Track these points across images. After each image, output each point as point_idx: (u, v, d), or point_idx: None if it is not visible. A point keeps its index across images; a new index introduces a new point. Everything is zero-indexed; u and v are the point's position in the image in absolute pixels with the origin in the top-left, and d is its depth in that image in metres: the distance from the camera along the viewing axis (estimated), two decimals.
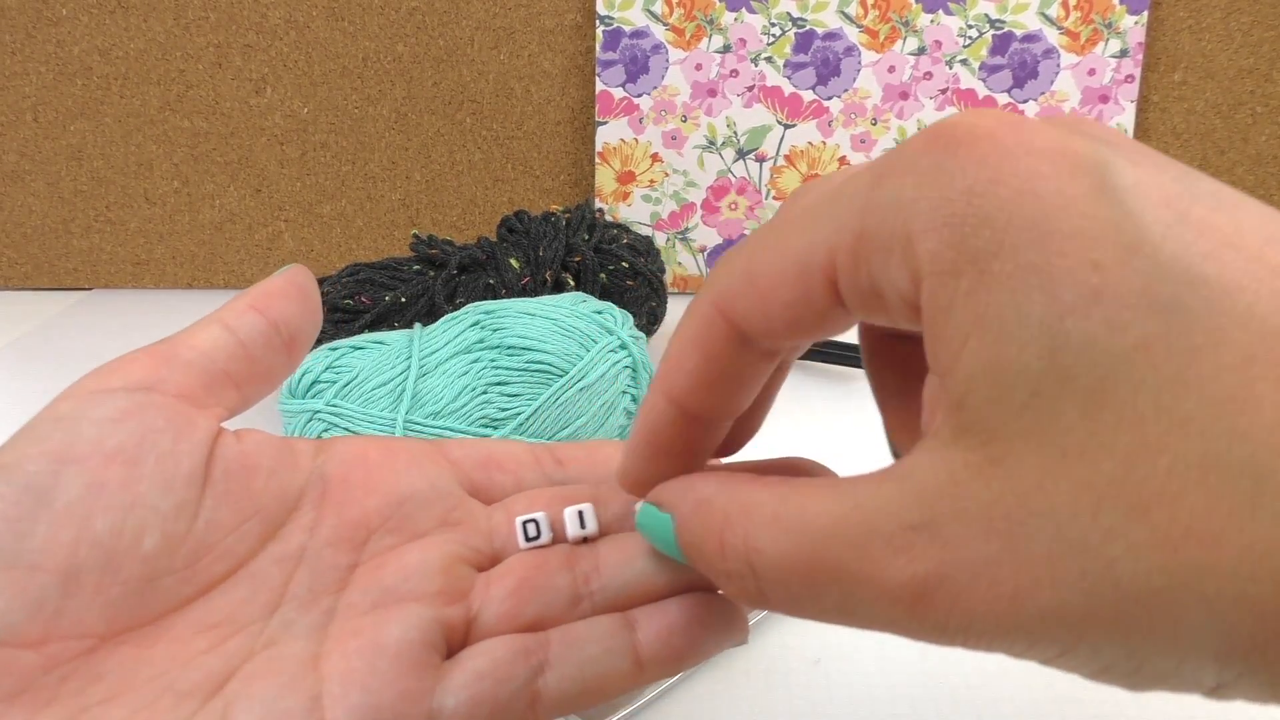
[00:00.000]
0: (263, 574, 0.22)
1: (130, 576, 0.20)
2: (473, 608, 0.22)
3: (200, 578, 0.21)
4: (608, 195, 0.66)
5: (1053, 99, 0.63)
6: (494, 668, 0.21)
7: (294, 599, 0.22)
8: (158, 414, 0.21)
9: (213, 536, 0.21)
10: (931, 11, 0.62)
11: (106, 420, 0.21)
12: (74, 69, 0.65)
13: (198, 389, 0.22)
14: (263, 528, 0.22)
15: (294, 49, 0.65)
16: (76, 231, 0.68)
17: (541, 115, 0.66)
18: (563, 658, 0.21)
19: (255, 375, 0.23)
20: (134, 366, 0.22)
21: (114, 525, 0.20)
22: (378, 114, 0.66)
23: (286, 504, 0.23)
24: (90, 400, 0.21)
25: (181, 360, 0.22)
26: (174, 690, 0.20)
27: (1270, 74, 0.63)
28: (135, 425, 0.21)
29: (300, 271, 0.25)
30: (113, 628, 0.20)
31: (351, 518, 0.23)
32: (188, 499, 0.21)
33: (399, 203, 0.68)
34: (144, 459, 0.21)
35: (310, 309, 0.24)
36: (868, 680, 0.32)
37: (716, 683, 0.32)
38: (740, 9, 0.63)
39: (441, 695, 0.20)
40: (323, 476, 0.23)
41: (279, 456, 0.23)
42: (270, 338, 0.23)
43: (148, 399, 0.21)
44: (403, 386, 0.41)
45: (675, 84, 0.64)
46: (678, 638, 0.21)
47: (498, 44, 0.65)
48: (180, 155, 0.67)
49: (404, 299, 0.50)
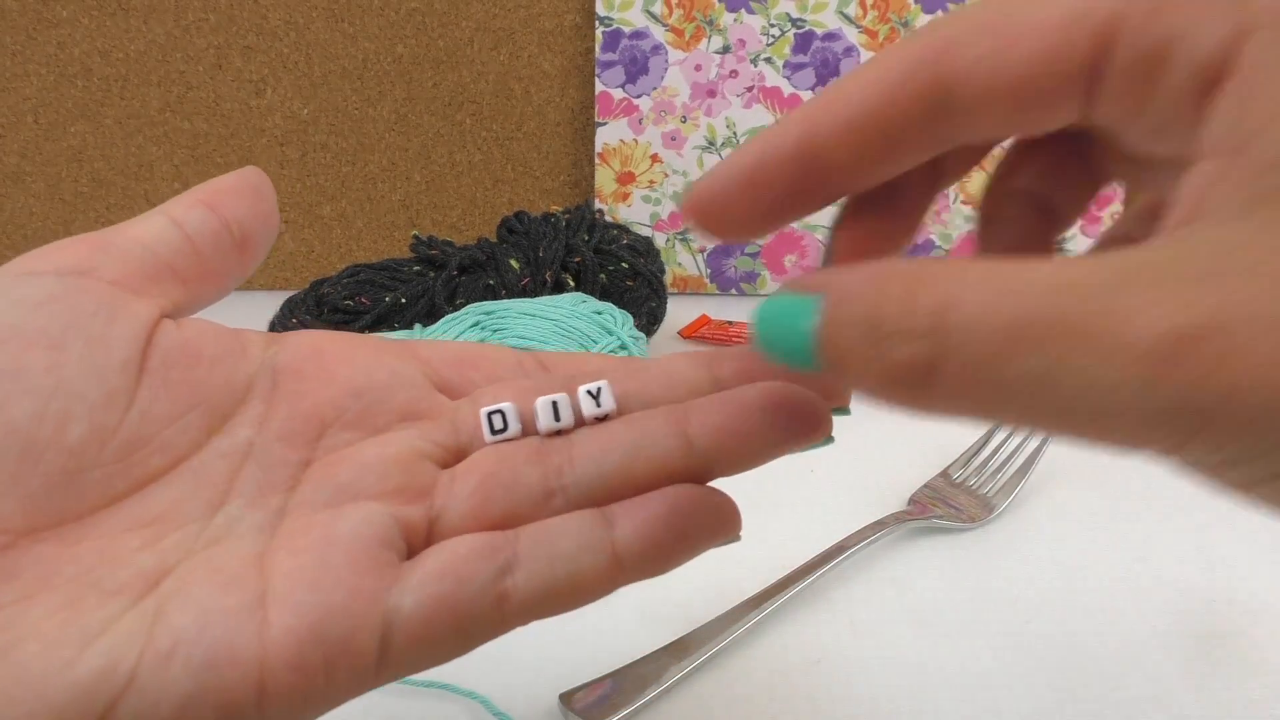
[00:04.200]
0: (206, 469, 0.20)
1: (52, 468, 0.18)
2: (435, 506, 0.20)
3: (134, 472, 0.19)
4: (607, 196, 0.66)
5: None
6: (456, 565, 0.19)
7: (240, 496, 0.20)
8: (89, 298, 0.20)
9: (149, 428, 0.20)
10: (930, 12, 0.62)
11: (30, 302, 0.19)
12: (74, 71, 0.65)
13: (136, 278, 0.20)
14: (206, 420, 0.20)
15: (294, 50, 0.65)
16: (77, 233, 0.68)
17: (541, 116, 0.66)
18: (532, 555, 0.19)
19: (203, 274, 0.22)
20: (64, 252, 0.20)
21: (33, 411, 0.18)
22: (378, 115, 0.66)
23: (233, 395, 0.21)
24: (14, 282, 0.19)
25: (119, 249, 0.21)
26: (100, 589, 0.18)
27: None
28: (62, 308, 0.19)
29: (253, 171, 0.23)
30: (31, 523, 0.18)
31: (304, 410, 0.21)
32: (120, 387, 0.19)
33: (399, 204, 0.68)
34: (70, 343, 0.19)
35: (265, 210, 0.23)
36: (868, 680, 0.32)
37: (716, 683, 0.32)
38: (740, 10, 0.63)
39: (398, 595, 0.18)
40: (274, 367, 0.21)
41: (226, 345, 0.21)
42: (220, 235, 0.22)
43: (79, 283, 0.20)
44: None
45: (675, 85, 0.64)
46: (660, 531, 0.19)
47: (497, 45, 0.65)
48: (181, 157, 0.67)
49: (404, 300, 0.51)
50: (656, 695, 0.31)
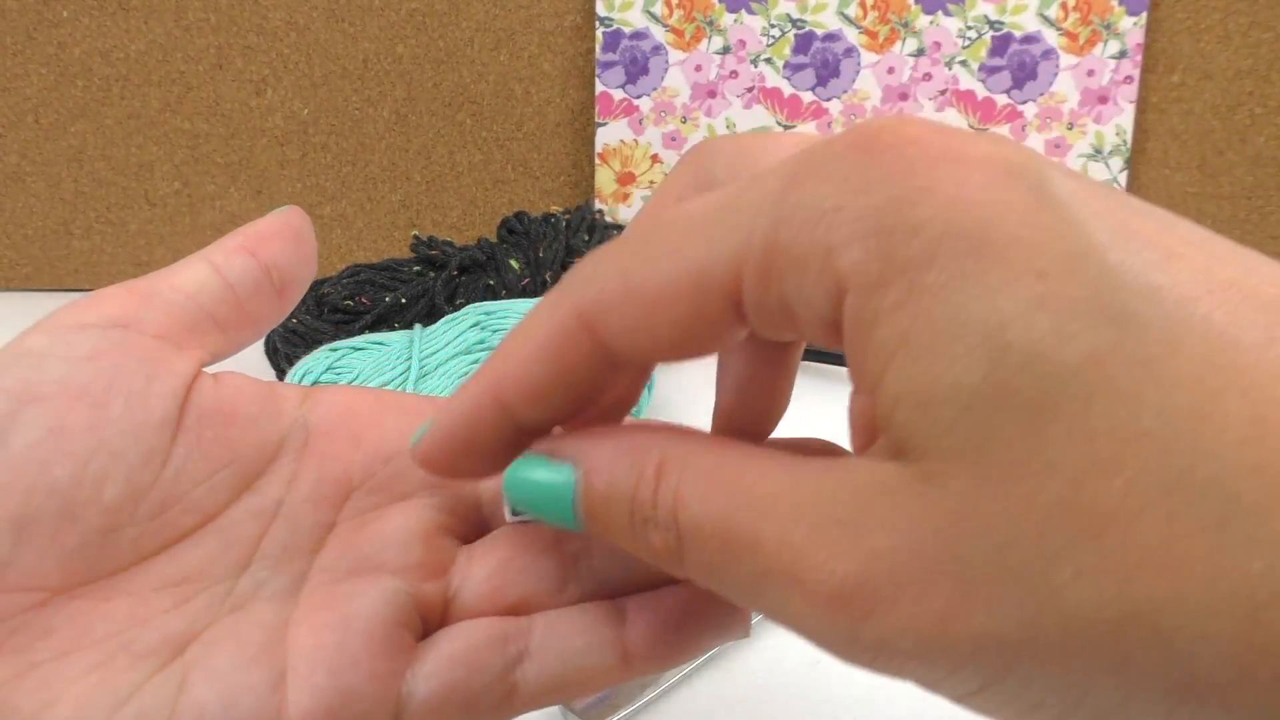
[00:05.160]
0: (234, 528, 0.20)
1: (89, 527, 0.19)
2: (452, 584, 0.20)
3: (166, 530, 0.20)
4: (608, 196, 0.66)
5: (1051, 100, 0.63)
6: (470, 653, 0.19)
7: (266, 557, 0.20)
8: (131, 353, 0.20)
9: (182, 486, 0.20)
10: (931, 13, 0.62)
11: (75, 358, 0.19)
12: (75, 70, 0.65)
13: (179, 329, 0.21)
14: (238, 479, 0.21)
15: (294, 50, 0.65)
16: (77, 233, 0.68)
17: (541, 116, 0.66)
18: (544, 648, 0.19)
19: (242, 320, 0.22)
20: (111, 302, 0.20)
21: (74, 472, 0.18)
22: (378, 115, 0.66)
23: (265, 454, 0.21)
24: (61, 336, 0.19)
25: (163, 299, 0.21)
26: (130, 650, 0.18)
27: (1269, 75, 0.63)
28: (106, 364, 0.19)
29: (295, 213, 0.23)
30: (67, 580, 0.19)
31: (333, 474, 0.21)
32: (157, 446, 0.19)
33: (399, 204, 0.68)
34: (112, 401, 0.19)
35: (305, 253, 0.23)
36: (868, 680, 0.32)
37: (716, 683, 0.32)
38: (740, 10, 0.63)
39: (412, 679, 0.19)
40: (305, 426, 0.22)
41: (260, 403, 0.21)
42: (261, 282, 0.22)
43: (123, 337, 0.20)
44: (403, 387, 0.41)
45: (675, 85, 0.64)
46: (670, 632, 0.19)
47: (498, 45, 0.65)
48: (181, 157, 0.67)
49: (404, 300, 0.51)
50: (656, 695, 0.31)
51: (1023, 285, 0.13)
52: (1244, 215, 0.65)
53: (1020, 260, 0.13)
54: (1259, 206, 0.65)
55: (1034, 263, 0.13)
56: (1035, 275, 0.13)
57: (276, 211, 0.23)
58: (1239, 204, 0.65)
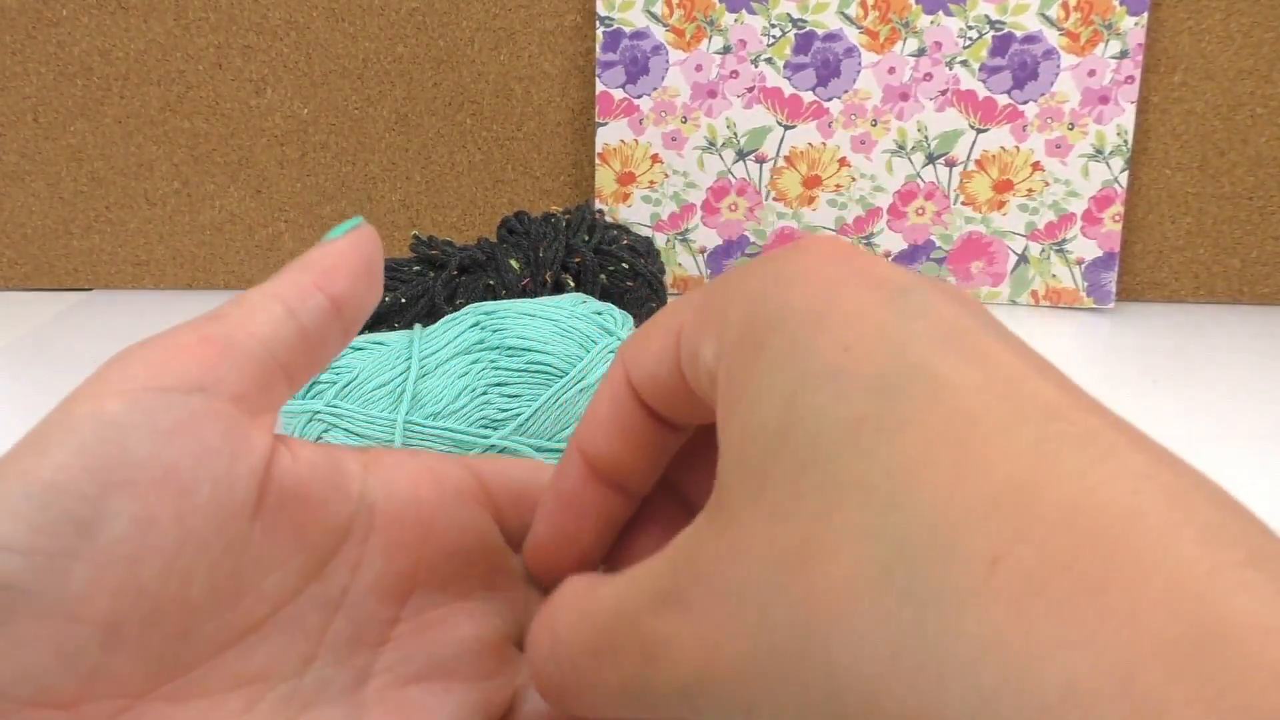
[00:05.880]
0: (301, 620, 0.19)
1: (172, 628, 0.17)
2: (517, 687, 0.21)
3: (239, 622, 0.18)
4: (608, 196, 0.66)
5: (1053, 100, 0.63)
6: None
7: (330, 650, 0.19)
8: (214, 427, 0.18)
9: (255, 576, 0.18)
10: (931, 13, 0.62)
11: (159, 432, 0.17)
12: (74, 69, 0.65)
13: (254, 390, 0.18)
14: (307, 566, 0.19)
15: (294, 50, 0.65)
16: (76, 232, 0.68)
17: (541, 116, 0.66)
18: None
19: (310, 366, 0.20)
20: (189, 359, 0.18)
21: (163, 569, 0.17)
22: (378, 115, 0.66)
23: (334, 538, 0.20)
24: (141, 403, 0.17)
25: (242, 352, 0.18)
26: None
27: (1270, 75, 0.63)
28: (190, 442, 0.17)
29: (368, 238, 0.21)
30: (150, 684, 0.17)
31: (400, 567, 0.20)
32: (239, 535, 0.18)
33: (399, 203, 0.68)
34: (199, 487, 0.17)
35: (375, 285, 0.21)
36: None
37: None
38: (740, 10, 0.63)
39: None
40: (370, 508, 0.20)
41: (330, 480, 0.20)
42: (331, 321, 0.20)
43: (205, 406, 0.18)
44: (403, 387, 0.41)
45: (675, 85, 0.64)
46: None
47: (498, 45, 0.65)
48: (180, 156, 0.67)
49: (404, 300, 0.50)
50: None
51: (829, 355, 0.15)
52: (1245, 215, 0.65)
53: (836, 335, 0.15)
54: (1260, 207, 0.65)
55: (845, 338, 0.15)
56: (842, 348, 0.15)
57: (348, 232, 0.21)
58: (1240, 204, 0.65)
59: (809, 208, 0.66)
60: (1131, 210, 0.66)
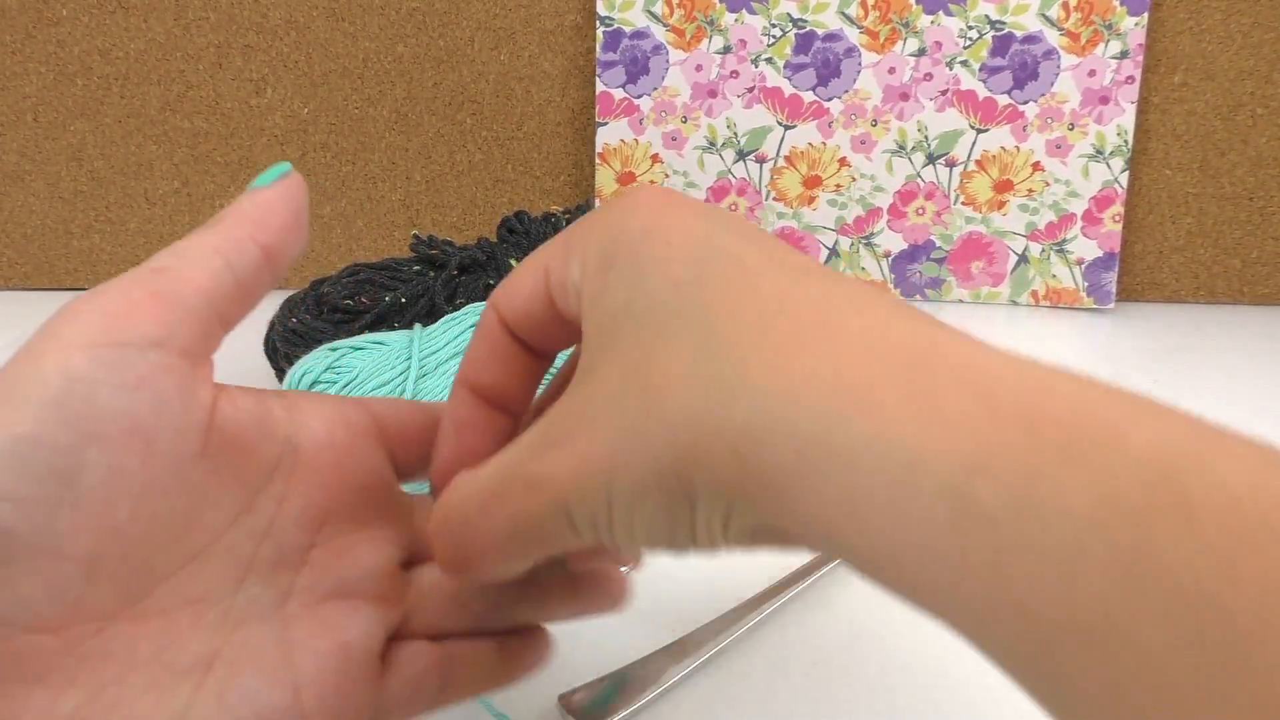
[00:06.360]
0: (235, 547, 0.22)
1: (138, 560, 0.20)
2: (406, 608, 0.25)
3: (186, 551, 0.21)
4: (608, 196, 0.66)
5: (1053, 100, 0.63)
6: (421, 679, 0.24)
7: (258, 574, 0.22)
8: (169, 380, 0.20)
9: (200, 510, 0.21)
10: (932, 13, 0.62)
11: (124, 387, 0.19)
12: (74, 69, 0.65)
13: (198, 340, 0.21)
14: (240, 500, 0.22)
15: (294, 49, 0.65)
16: (76, 232, 0.68)
17: (542, 116, 0.66)
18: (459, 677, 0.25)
19: (242, 311, 0.22)
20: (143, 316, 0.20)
21: (131, 511, 0.20)
22: (378, 115, 0.66)
23: (263, 475, 0.23)
24: (104, 359, 0.19)
25: (188, 307, 0.21)
26: (172, 670, 0.20)
27: (1271, 75, 0.63)
28: (150, 395, 0.20)
29: (297, 186, 0.23)
30: (119, 607, 0.20)
31: (318, 501, 0.23)
32: (191, 478, 0.21)
33: (399, 203, 0.68)
34: (159, 436, 0.20)
35: (301, 234, 0.23)
36: (867, 681, 0.32)
37: (715, 684, 0.32)
38: (740, 10, 0.63)
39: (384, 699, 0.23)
40: (294, 449, 0.23)
41: (261, 424, 0.23)
42: (263, 270, 0.22)
43: (161, 360, 0.20)
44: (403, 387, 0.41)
45: (675, 85, 0.64)
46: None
47: (498, 45, 0.65)
48: (180, 155, 0.67)
49: (404, 299, 0.50)
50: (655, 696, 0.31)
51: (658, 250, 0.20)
52: (1245, 216, 0.65)
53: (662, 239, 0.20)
54: (1260, 207, 0.65)
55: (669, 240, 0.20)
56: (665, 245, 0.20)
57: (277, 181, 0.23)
58: (1240, 204, 0.65)
59: (809, 208, 0.66)
60: (1132, 210, 0.66)
